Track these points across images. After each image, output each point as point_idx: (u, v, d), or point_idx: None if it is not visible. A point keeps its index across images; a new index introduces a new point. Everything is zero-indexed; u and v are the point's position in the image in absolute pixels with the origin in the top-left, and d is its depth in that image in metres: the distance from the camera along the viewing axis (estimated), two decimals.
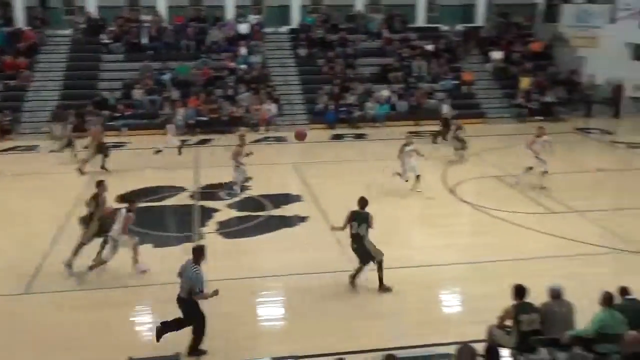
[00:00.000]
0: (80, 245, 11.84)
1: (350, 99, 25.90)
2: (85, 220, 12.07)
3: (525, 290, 8.49)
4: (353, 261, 11.50)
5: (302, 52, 28.42)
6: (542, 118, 25.90)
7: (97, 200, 12.02)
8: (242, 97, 25.61)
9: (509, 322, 8.52)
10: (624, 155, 21.70)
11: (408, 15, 31.21)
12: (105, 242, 11.68)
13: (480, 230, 14.50)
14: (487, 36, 30.21)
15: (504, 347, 8.17)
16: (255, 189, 17.17)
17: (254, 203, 16.22)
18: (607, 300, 8.36)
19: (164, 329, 9.22)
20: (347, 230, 11.21)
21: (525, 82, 27.15)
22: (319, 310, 10.59)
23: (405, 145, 16.62)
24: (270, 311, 10.95)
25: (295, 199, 16.50)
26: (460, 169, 18.80)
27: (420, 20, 31.42)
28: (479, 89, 27.83)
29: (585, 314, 8.44)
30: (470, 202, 16.11)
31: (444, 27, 30.97)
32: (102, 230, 11.81)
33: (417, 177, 16.57)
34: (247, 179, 17.21)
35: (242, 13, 29.81)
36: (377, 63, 28.14)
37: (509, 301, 8.52)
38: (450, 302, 11.56)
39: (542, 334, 8.35)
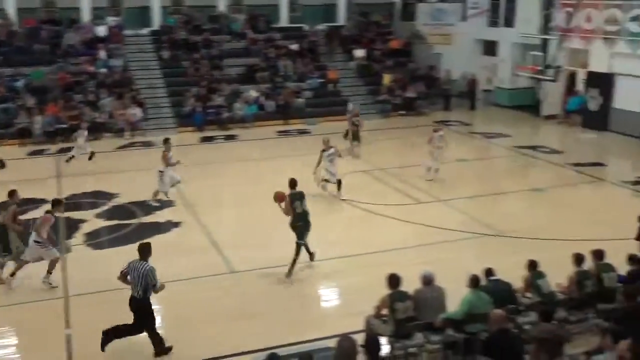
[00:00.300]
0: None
1: (218, 100, 25.65)
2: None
3: (398, 279, 8.79)
4: (229, 263, 11.41)
5: (166, 54, 27.76)
6: (404, 112, 27.00)
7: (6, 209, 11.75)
8: (104, 102, 24.62)
9: (385, 311, 8.79)
10: (481, 145, 23.03)
11: (271, 16, 31.37)
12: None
13: (353, 224, 14.84)
14: (349, 35, 30.98)
15: (382, 335, 8.42)
16: (124, 197, 16.60)
17: (124, 211, 15.66)
18: (473, 282, 8.83)
19: (109, 337, 9.06)
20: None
21: (387, 79, 28.11)
22: (197, 316, 10.41)
23: (324, 150, 16.24)
24: None
25: (167, 204, 16.10)
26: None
27: (284, 21, 31.67)
28: (344, 86, 28.48)
29: (455, 297, 8.87)
30: (343, 197, 16.44)
31: (307, 27, 31.42)
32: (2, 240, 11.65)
33: (339, 182, 16.20)
34: (177, 182, 16.40)
35: (99, 15, 28.64)
36: (243, 64, 28.05)
37: (383, 291, 8.79)
38: (327, 297, 11.75)
39: (417, 320, 8.69)
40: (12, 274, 11.50)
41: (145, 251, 9.21)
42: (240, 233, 14.24)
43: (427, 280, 8.98)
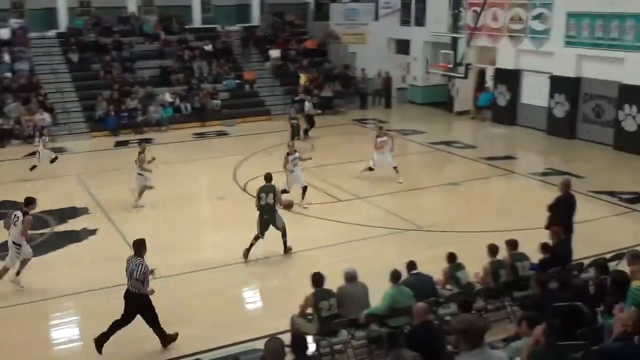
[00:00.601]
0: None
1: (132, 103, 25.02)
2: None
3: (322, 277, 8.85)
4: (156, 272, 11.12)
5: (74, 57, 26.83)
6: (320, 112, 27.10)
7: None
8: (10, 107, 23.53)
9: (310, 310, 8.83)
10: (397, 142, 23.39)
11: (183, 16, 30.87)
12: None
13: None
14: (264, 35, 30.90)
15: (308, 334, 8.44)
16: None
17: (35, 220, 14.98)
18: (394, 277, 8.99)
19: (103, 338, 9.18)
20: None
21: (303, 79, 28.21)
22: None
23: (289, 154, 15.75)
24: (66, 333, 10.24)
25: (82, 211, 15.59)
26: (250, 167, 19.03)
27: (196, 21, 31.22)
28: (261, 87, 28.38)
29: (379, 292, 9.01)
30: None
31: (221, 28, 31.10)
32: None
33: (304, 189, 15.79)
34: (149, 187, 15.89)
35: (1, 17, 27.36)
36: (156, 65, 27.47)
37: (308, 290, 8.82)
38: (252, 299, 11.69)
39: (342, 317, 8.76)
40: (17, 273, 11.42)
41: (139, 247, 9.41)
42: (159, 238, 13.91)
43: (350, 277, 9.07)
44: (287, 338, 7.20)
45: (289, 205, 13.68)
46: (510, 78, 24.70)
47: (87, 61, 26.94)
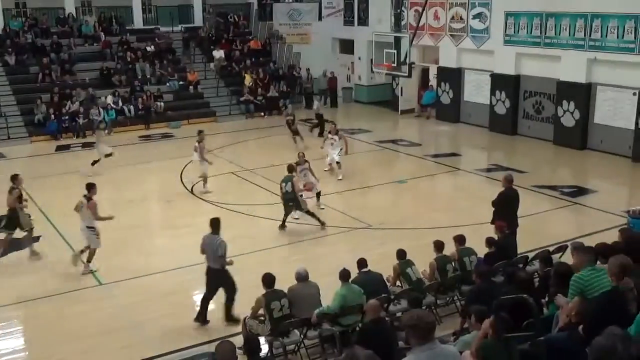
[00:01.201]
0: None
1: (73, 106, 24.40)
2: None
3: (273, 278, 8.83)
4: (96, 275, 10.91)
5: (11, 59, 26.02)
6: (263, 114, 27.07)
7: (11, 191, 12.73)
8: None
9: (261, 311, 8.80)
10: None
11: (124, 17, 30.33)
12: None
13: (222, 226, 14.52)
14: (207, 36, 30.61)
15: (260, 335, 8.42)
16: None
17: None
18: (344, 276, 9.05)
19: (201, 317, 9.87)
20: None
21: (248, 79, 28.06)
22: (66, 333, 9.89)
23: (298, 164, 14.98)
24: (10, 344, 9.88)
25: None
26: (196, 169, 18.85)
27: (137, 22, 30.70)
28: (206, 88, 28.07)
29: (331, 291, 9.04)
30: (210, 200, 16.26)
31: (163, 28, 30.69)
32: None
33: (317, 194, 15.51)
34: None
35: None
36: (97, 67, 26.86)
37: (259, 291, 8.79)
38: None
39: (294, 317, 8.77)
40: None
41: (216, 225, 10.05)
42: (106, 243, 13.63)
43: (301, 277, 9.09)
44: (238, 340, 7.17)
45: (309, 189, 15.03)
46: (453, 76, 25.14)
47: (25, 63, 26.18)
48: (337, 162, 17.85)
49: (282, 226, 14.11)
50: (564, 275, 7.70)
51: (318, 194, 15.65)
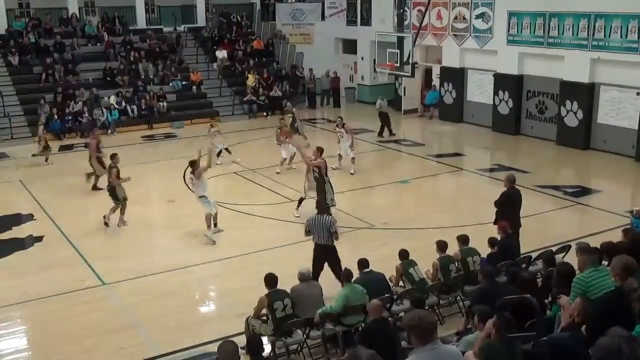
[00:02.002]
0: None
1: (76, 106, 24.42)
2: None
3: (275, 278, 8.82)
4: (98, 275, 10.93)
5: (14, 59, 26.06)
6: (266, 114, 27.07)
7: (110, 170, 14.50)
8: None
9: (264, 311, 8.79)
10: None
11: (127, 17, 30.37)
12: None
13: (226, 226, 14.65)
14: (211, 36, 30.64)
15: (263, 335, 8.42)
16: None
17: None
18: (347, 276, 9.04)
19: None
20: None
21: (251, 79, 28.07)
22: (68, 333, 9.89)
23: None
24: (13, 344, 9.89)
25: (27, 218, 15.16)
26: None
27: (141, 22, 30.74)
28: (209, 88, 28.10)
29: (334, 290, 9.05)
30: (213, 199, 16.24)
31: (166, 28, 30.74)
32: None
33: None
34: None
35: None
36: (100, 67, 26.89)
37: (262, 291, 8.79)
38: (205, 302, 11.58)
39: (296, 317, 8.76)
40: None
41: (323, 207, 11.47)
42: (108, 243, 13.69)
43: (304, 277, 9.09)
44: (241, 340, 7.17)
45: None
46: (456, 76, 25.11)
47: (28, 64, 26.24)
48: (352, 158, 18.14)
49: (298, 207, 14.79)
50: (566, 276, 7.68)
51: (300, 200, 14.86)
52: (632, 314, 5.86)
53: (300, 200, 14.85)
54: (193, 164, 13.69)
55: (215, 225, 13.81)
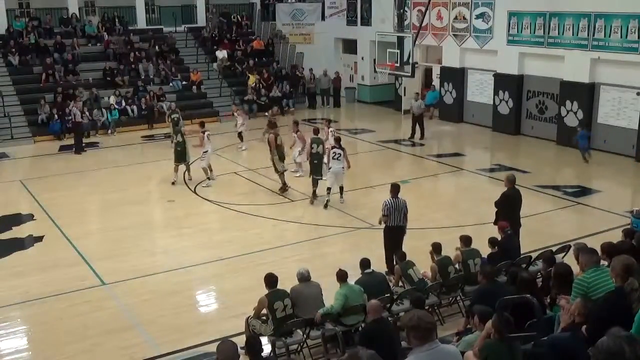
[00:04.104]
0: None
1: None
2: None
3: (275, 278, 8.81)
4: (99, 275, 10.93)
5: (14, 59, 26.06)
6: (267, 114, 27.02)
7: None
8: None
9: (264, 311, 8.79)
10: (347, 141, 23.47)
11: (127, 17, 30.37)
12: None
13: (226, 226, 14.69)
14: (211, 36, 30.63)
15: (263, 335, 8.42)
16: None
17: None
18: (342, 276, 9.04)
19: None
20: None
21: (252, 79, 28.07)
22: (69, 332, 9.90)
23: (334, 146, 15.68)
24: (12, 343, 9.88)
25: (28, 218, 15.17)
26: (199, 169, 18.87)
27: (141, 22, 30.74)
28: (209, 88, 28.11)
29: (333, 291, 9.03)
30: (213, 200, 16.26)
31: (166, 28, 30.73)
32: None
33: (340, 188, 15.74)
34: None
35: None
36: (100, 67, 26.89)
37: (262, 291, 8.78)
38: (205, 302, 11.57)
39: (296, 317, 8.76)
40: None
41: (397, 189, 11.46)
42: (108, 243, 13.68)
43: (303, 277, 9.08)
44: (241, 340, 7.16)
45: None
46: (456, 76, 25.10)
47: (28, 64, 26.23)
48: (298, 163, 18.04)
49: (314, 193, 15.80)
50: (562, 276, 7.69)
51: (341, 188, 15.76)
52: (632, 314, 5.85)
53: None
54: (203, 125, 17.76)
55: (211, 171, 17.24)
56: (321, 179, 15.77)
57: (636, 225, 11.85)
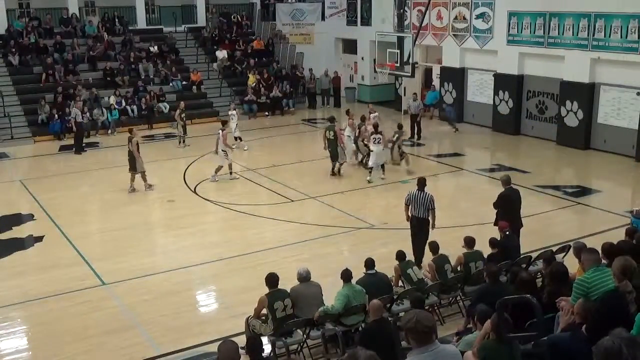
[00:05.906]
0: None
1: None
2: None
3: (277, 278, 8.81)
4: (98, 275, 10.93)
5: (14, 59, 26.05)
6: (267, 114, 27.08)
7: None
8: None
9: (264, 311, 8.79)
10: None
11: (127, 17, 30.37)
12: None
13: (226, 226, 14.71)
14: (211, 36, 30.63)
15: (263, 335, 8.42)
16: None
17: None
18: (347, 276, 9.04)
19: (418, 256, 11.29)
20: None
21: (252, 79, 28.06)
22: (69, 332, 9.89)
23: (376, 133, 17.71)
24: (12, 344, 9.87)
25: (28, 218, 15.17)
26: (199, 168, 18.89)
27: (141, 22, 30.73)
28: (209, 88, 28.10)
29: (335, 290, 9.04)
30: (213, 199, 16.27)
31: (166, 28, 30.73)
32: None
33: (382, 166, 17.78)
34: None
35: None
36: (100, 67, 26.87)
37: (262, 291, 8.78)
38: (206, 302, 11.56)
39: (296, 317, 8.76)
40: None
41: (423, 183, 11.60)
42: (108, 243, 13.69)
43: (303, 277, 9.08)
44: (241, 340, 7.16)
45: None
46: (456, 76, 25.10)
47: (28, 64, 26.22)
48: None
49: (334, 173, 17.79)
50: (562, 277, 7.70)
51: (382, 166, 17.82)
52: (629, 314, 5.87)
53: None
54: (224, 123, 18.55)
55: (231, 173, 17.79)
56: (341, 162, 17.87)
57: (636, 225, 11.84)
